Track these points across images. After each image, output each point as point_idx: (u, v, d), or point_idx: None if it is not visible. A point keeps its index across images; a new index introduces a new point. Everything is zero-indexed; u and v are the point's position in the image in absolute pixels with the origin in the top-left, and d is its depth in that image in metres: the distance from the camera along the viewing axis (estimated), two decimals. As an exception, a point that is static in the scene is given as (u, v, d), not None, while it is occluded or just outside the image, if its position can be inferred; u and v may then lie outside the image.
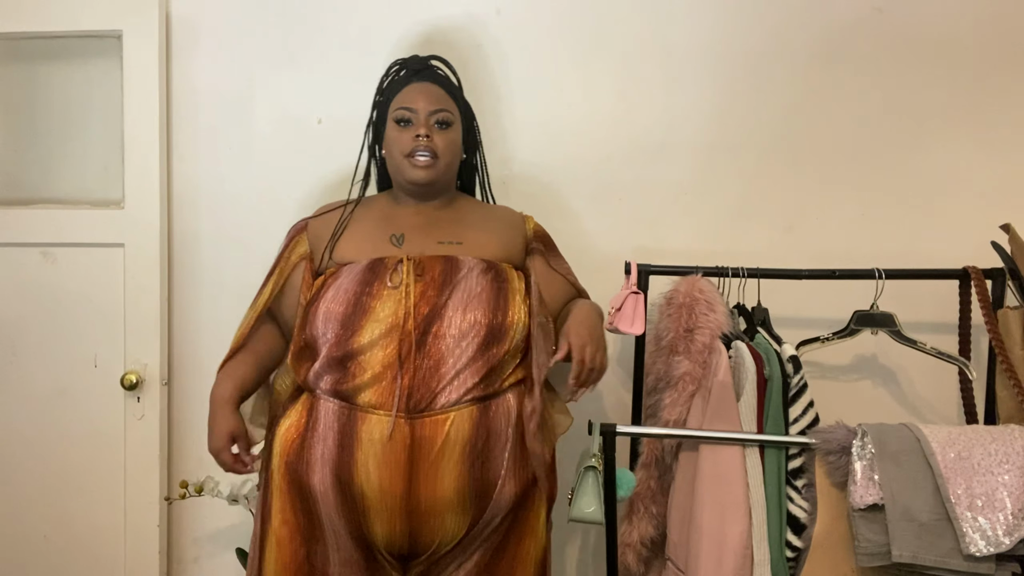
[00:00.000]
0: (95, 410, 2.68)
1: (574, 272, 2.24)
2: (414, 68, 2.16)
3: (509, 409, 1.90)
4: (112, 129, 2.65)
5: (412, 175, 2.03)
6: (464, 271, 1.95)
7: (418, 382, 1.83)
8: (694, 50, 2.53)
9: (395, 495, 1.82)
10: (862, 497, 1.88)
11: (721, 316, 2.11)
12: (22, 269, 2.69)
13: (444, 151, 2.05)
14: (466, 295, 1.90)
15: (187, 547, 2.77)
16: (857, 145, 2.50)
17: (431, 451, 1.82)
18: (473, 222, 2.12)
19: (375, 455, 1.82)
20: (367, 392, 1.85)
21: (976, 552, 1.80)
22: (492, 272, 1.97)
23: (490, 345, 1.88)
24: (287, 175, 2.64)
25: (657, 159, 2.55)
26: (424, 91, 2.09)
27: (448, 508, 1.85)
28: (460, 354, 1.86)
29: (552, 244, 2.24)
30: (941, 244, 2.45)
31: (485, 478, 1.86)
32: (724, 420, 2.01)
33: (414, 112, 2.05)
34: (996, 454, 1.85)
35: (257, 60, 2.64)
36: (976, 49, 2.45)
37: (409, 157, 2.03)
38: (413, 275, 1.92)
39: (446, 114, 2.06)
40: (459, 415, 1.84)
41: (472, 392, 1.85)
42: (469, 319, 1.87)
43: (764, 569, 1.95)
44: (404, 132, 2.05)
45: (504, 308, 1.91)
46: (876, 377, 2.51)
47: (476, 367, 1.86)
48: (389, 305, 1.88)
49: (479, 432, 1.85)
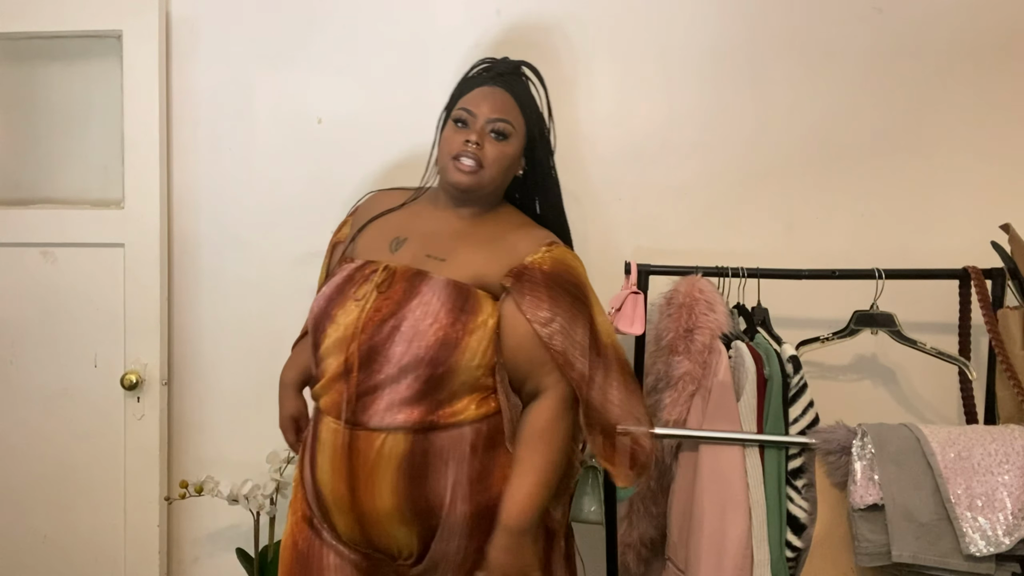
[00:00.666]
0: (95, 410, 2.69)
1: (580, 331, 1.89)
2: (498, 71, 2.06)
3: (463, 440, 1.82)
4: (112, 129, 2.65)
5: (453, 178, 1.94)
6: (426, 293, 1.83)
7: (358, 398, 1.82)
8: (694, 50, 2.53)
9: (344, 498, 1.84)
10: (862, 497, 1.88)
11: (721, 316, 2.11)
12: (22, 269, 2.69)
13: (492, 162, 1.94)
14: (417, 323, 1.80)
15: (187, 547, 2.77)
16: (857, 145, 2.49)
17: (367, 463, 1.80)
18: (478, 239, 1.96)
19: (327, 458, 1.85)
20: (324, 396, 1.89)
21: (976, 552, 1.80)
22: (455, 299, 1.83)
23: (431, 388, 1.80)
24: (287, 175, 2.64)
25: (657, 159, 2.55)
26: (491, 96, 1.99)
27: (390, 519, 1.82)
28: (399, 388, 1.80)
29: (539, 282, 1.87)
30: (941, 244, 2.45)
31: (426, 497, 1.81)
32: (724, 420, 2.01)
33: (473, 116, 1.96)
34: (996, 454, 1.85)
35: (257, 60, 2.64)
36: (976, 49, 2.45)
37: (455, 160, 1.93)
38: (376, 291, 1.87)
39: (505, 125, 1.96)
40: (392, 437, 1.79)
41: (409, 423, 1.79)
42: (414, 352, 1.78)
43: (764, 569, 1.95)
44: (458, 133, 1.95)
45: (451, 347, 1.79)
46: (876, 377, 2.51)
47: (414, 406, 1.79)
48: (350, 314, 1.87)
49: (415, 451, 1.79)
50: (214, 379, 2.71)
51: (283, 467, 2.52)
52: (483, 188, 1.97)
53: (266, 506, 2.52)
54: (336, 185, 2.59)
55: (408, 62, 2.60)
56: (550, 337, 1.83)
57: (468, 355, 1.80)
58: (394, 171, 2.58)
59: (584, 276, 1.97)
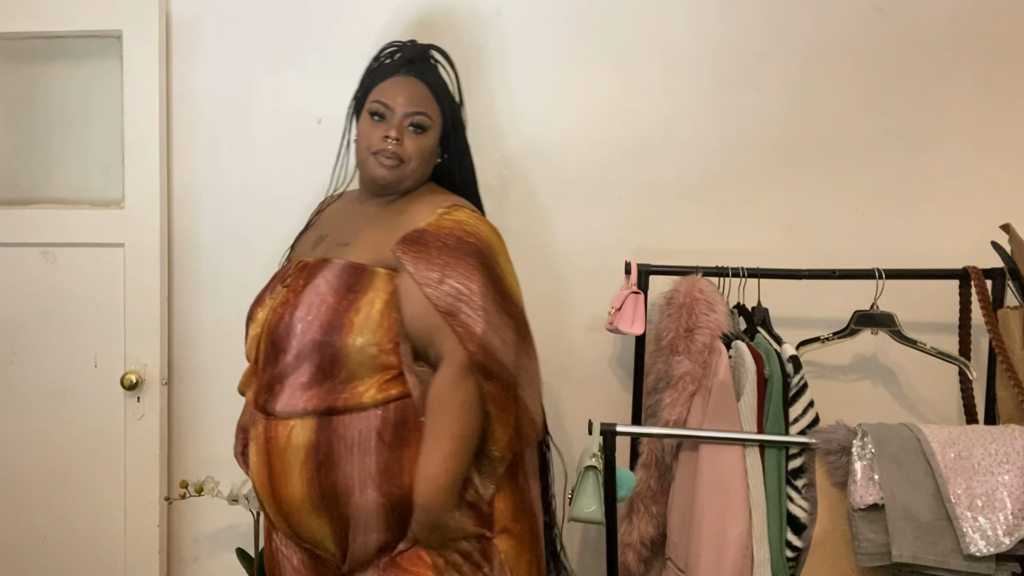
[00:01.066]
0: (95, 410, 2.68)
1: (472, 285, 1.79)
2: (408, 57, 2.06)
3: (368, 425, 1.78)
4: (112, 129, 2.65)
5: (375, 172, 1.95)
6: (319, 279, 1.84)
7: (267, 389, 1.85)
8: (694, 50, 2.53)
9: (266, 488, 1.85)
10: (862, 497, 1.88)
11: (721, 316, 2.11)
12: (22, 269, 2.69)
13: (413, 156, 1.95)
14: (309, 307, 1.81)
15: (187, 547, 2.77)
16: (857, 145, 2.49)
17: (280, 451, 1.81)
18: (383, 220, 1.96)
19: (253, 451, 1.88)
20: (249, 390, 1.96)
21: (976, 552, 1.80)
22: (345, 280, 1.83)
23: (325, 368, 1.78)
24: (287, 175, 2.64)
25: (657, 159, 2.55)
26: (407, 88, 1.99)
27: (302, 508, 1.81)
28: (298, 373, 1.80)
29: (428, 241, 1.82)
30: (941, 244, 2.45)
31: (334, 485, 1.78)
32: (724, 420, 2.01)
33: (390, 109, 1.95)
34: (996, 454, 1.85)
35: (257, 60, 2.64)
36: (976, 49, 2.45)
37: (375, 155, 1.94)
38: (282, 286, 1.93)
39: (423, 118, 1.96)
40: (300, 423, 1.79)
41: (310, 408, 1.79)
42: (306, 339, 1.79)
43: (764, 569, 1.96)
44: (376, 128, 1.95)
45: (336, 328, 1.77)
46: (876, 377, 2.51)
47: (315, 388, 1.79)
48: (263, 312, 1.93)
49: (320, 440, 1.78)
50: (214, 379, 2.71)
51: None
52: (405, 182, 1.98)
53: (266, 506, 2.52)
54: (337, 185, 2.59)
55: (408, 62, 2.60)
56: (440, 299, 1.75)
57: (355, 335, 1.77)
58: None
59: (490, 236, 1.91)
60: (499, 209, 2.56)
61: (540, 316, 2.57)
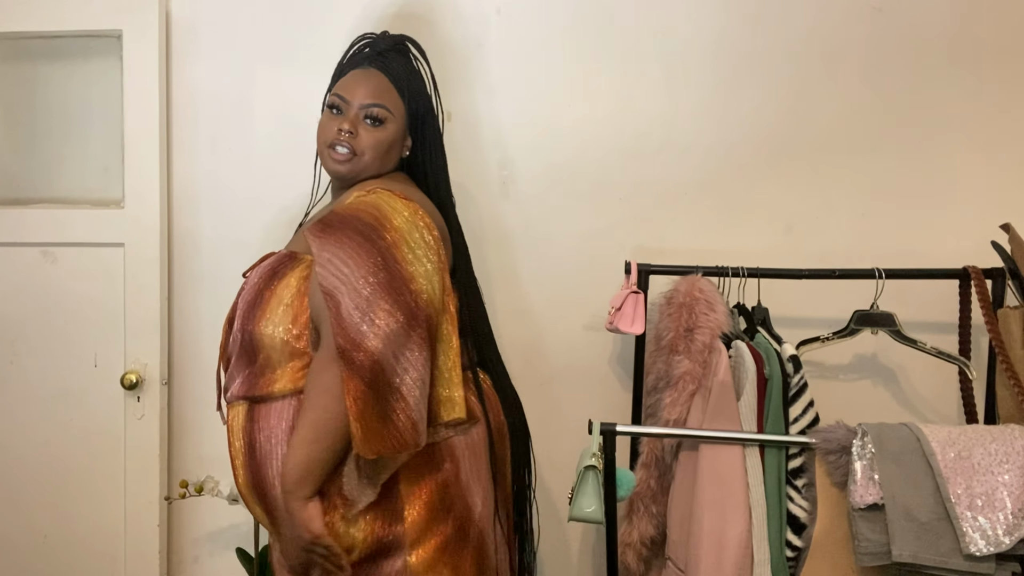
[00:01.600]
0: (95, 410, 2.69)
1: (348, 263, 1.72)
2: (378, 49, 2.06)
3: (281, 417, 1.78)
4: (112, 129, 2.65)
5: (329, 167, 1.97)
6: (256, 273, 1.89)
7: (226, 374, 1.92)
8: (694, 50, 2.53)
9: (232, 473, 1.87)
10: (862, 497, 1.88)
11: (721, 316, 2.11)
12: (22, 269, 2.69)
13: (367, 149, 1.94)
14: (245, 299, 1.87)
15: (187, 547, 2.77)
16: (857, 145, 2.49)
17: (231, 437, 1.85)
18: (329, 210, 1.94)
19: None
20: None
21: (976, 552, 1.80)
22: (275, 267, 1.86)
23: (248, 355, 1.84)
24: (287, 175, 2.64)
25: (657, 159, 2.55)
26: (366, 80, 1.98)
27: (247, 495, 1.84)
28: (236, 359, 1.87)
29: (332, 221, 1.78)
30: (941, 244, 2.45)
31: (259, 474, 1.79)
32: (724, 419, 2.01)
33: (346, 102, 1.96)
34: (996, 454, 1.85)
35: (257, 60, 2.64)
36: (976, 49, 2.45)
37: (330, 148, 1.95)
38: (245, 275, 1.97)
39: (379, 110, 1.95)
40: (238, 409, 1.84)
41: (240, 394, 1.84)
42: (238, 326, 1.86)
43: (764, 569, 1.95)
44: (332, 120, 1.96)
45: (253, 314, 1.82)
46: (876, 377, 2.51)
47: (244, 374, 1.84)
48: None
49: (250, 427, 1.81)
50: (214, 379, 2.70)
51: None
52: (360, 175, 1.97)
53: (266, 506, 2.52)
54: (336, 185, 2.60)
55: (408, 62, 2.60)
56: (325, 278, 1.68)
57: (267, 319, 1.80)
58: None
59: (397, 218, 1.77)
60: (499, 209, 2.56)
61: (540, 316, 2.58)
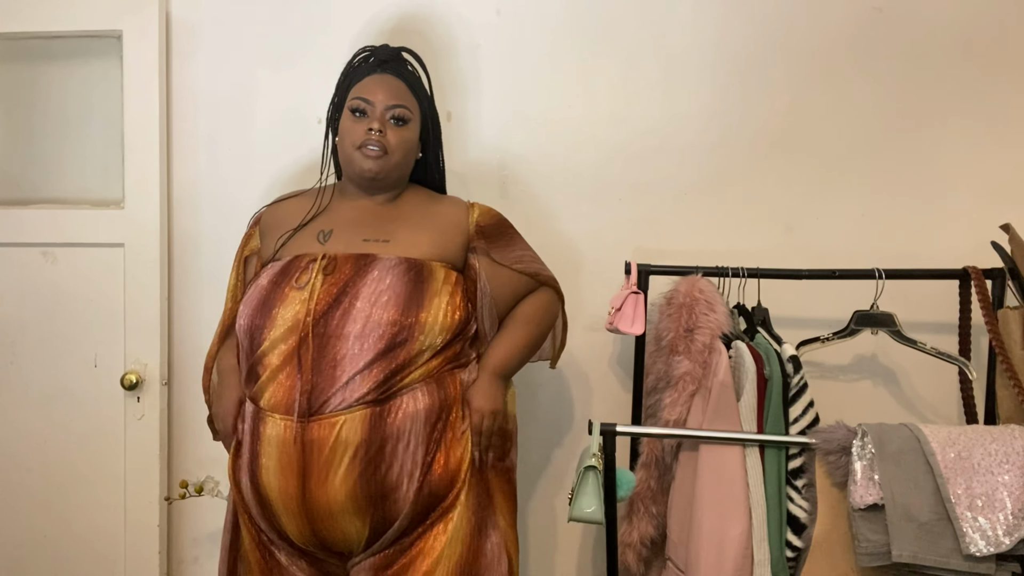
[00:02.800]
0: (95, 410, 2.69)
1: (532, 252, 2.17)
2: (381, 58, 2.12)
3: (416, 409, 1.85)
4: (112, 129, 2.65)
5: (362, 165, 2.00)
6: (377, 271, 1.89)
7: (314, 384, 1.82)
8: (694, 50, 2.53)
9: (292, 497, 1.83)
10: (862, 497, 1.88)
11: (721, 316, 2.11)
12: (22, 269, 2.69)
13: (396, 147, 2.01)
14: (374, 297, 1.85)
15: (187, 547, 2.77)
16: (857, 145, 2.49)
17: (321, 454, 1.80)
18: (410, 219, 2.05)
19: (275, 459, 1.84)
20: (267, 394, 1.87)
21: (976, 552, 1.80)
22: (412, 272, 1.90)
23: (394, 348, 1.83)
24: (287, 175, 2.64)
25: (657, 159, 2.55)
26: (384, 84, 2.05)
27: (342, 511, 1.82)
28: (360, 358, 1.82)
29: (497, 233, 2.11)
30: (941, 244, 2.45)
31: (383, 482, 1.82)
32: (724, 420, 2.01)
33: (371, 104, 2.02)
34: (996, 454, 1.85)
35: (257, 60, 2.64)
36: (976, 49, 2.45)
37: (360, 149, 2.00)
38: (322, 275, 1.90)
39: (403, 110, 2.03)
40: (350, 418, 1.80)
41: (366, 396, 1.81)
42: (374, 319, 1.83)
43: (764, 569, 1.95)
44: (358, 123, 2.01)
45: (415, 309, 1.85)
46: (876, 377, 2.51)
47: (375, 370, 1.82)
48: (293, 306, 1.88)
49: (373, 436, 1.81)
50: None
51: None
52: (390, 174, 2.04)
53: (266, 506, 2.52)
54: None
55: (408, 62, 2.60)
56: (525, 269, 2.09)
57: (432, 318, 1.86)
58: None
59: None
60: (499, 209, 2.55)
61: (540, 316, 2.57)
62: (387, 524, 1.85)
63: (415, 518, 1.86)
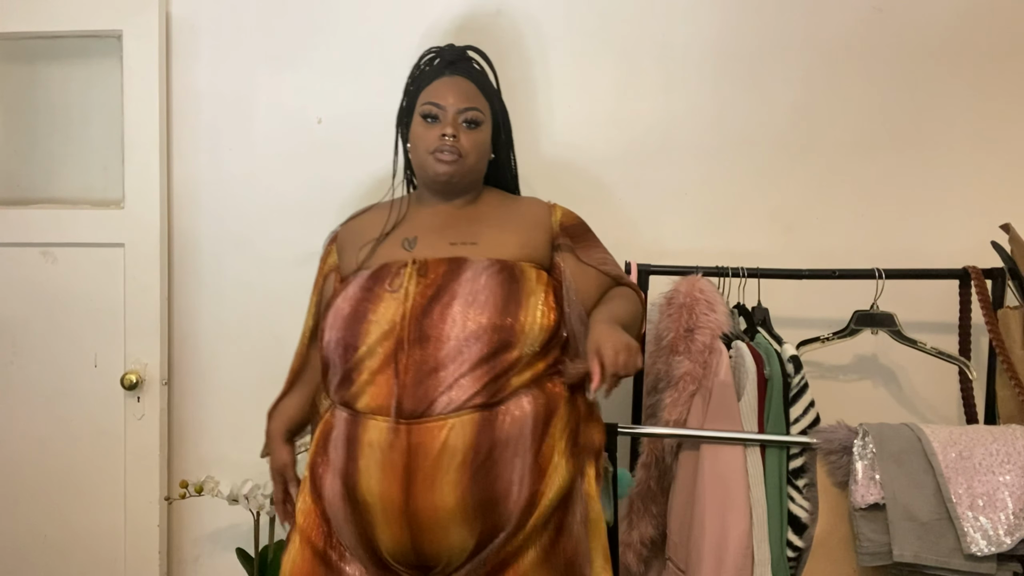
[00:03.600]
0: (95, 410, 2.69)
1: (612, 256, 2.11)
2: (448, 59, 2.06)
3: (524, 414, 1.78)
4: (112, 129, 2.66)
5: (436, 169, 1.95)
6: (471, 272, 1.84)
7: (415, 386, 1.76)
8: (694, 50, 2.53)
9: (394, 503, 1.75)
10: (863, 497, 1.88)
11: (721, 316, 2.11)
12: (22, 269, 2.69)
13: (470, 151, 1.97)
14: (471, 298, 1.80)
15: (187, 547, 2.77)
16: (857, 145, 2.50)
17: (427, 459, 1.73)
18: (493, 220, 2.01)
19: (375, 462, 1.76)
20: (365, 397, 1.80)
21: (977, 552, 1.80)
22: (505, 273, 1.85)
23: (498, 351, 1.77)
24: (287, 175, 2.64)
25: (657, 159, 2.55)
26: (455, 86, 2.00)
27: (451, 520, 1.74)
28: (463, 359, 1.76)
29: (581, 233, 2.08)
30: (941, 244, 2.45)
31: (493, 489, 1.74)
32: (725, 420, 2.01)
33: (442, 109, 1.96)
34: (997, 454, 1.85)
35: (257, 60, 2.64)
36: (976, 49, 2.46)
37: (434, 154, 1.95)
38: (415, 278, 1.85)
39: (475, 113, 1.98)
40: (459, 422, 1.74)
41: (476, 399, 1.75)
42: (474, 323, 1.77)
43: (765, 569, 1.95)
44: (431, 129, 1.96)
45: (514, 311, 1.80)
46: (876, 377, 2.51)
47: (480, 372, 1.76)
48: (389, 309, 1.82)
49: (482, 440, 1.74)
50: (214, 379, 2.71)
51: (283, 467, 2.52)
52: (466, 177, 2.00)
53: (266, 506, 2.52)
54: (336, 185, 2.60)
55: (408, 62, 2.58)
56: (609, 271, 2.04)
57: (530, 318, 1.82)
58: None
59: None
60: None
61: (540, 316, 2.57)
62: (495, 534, 1.77)
63: (521, 528, 1.78)
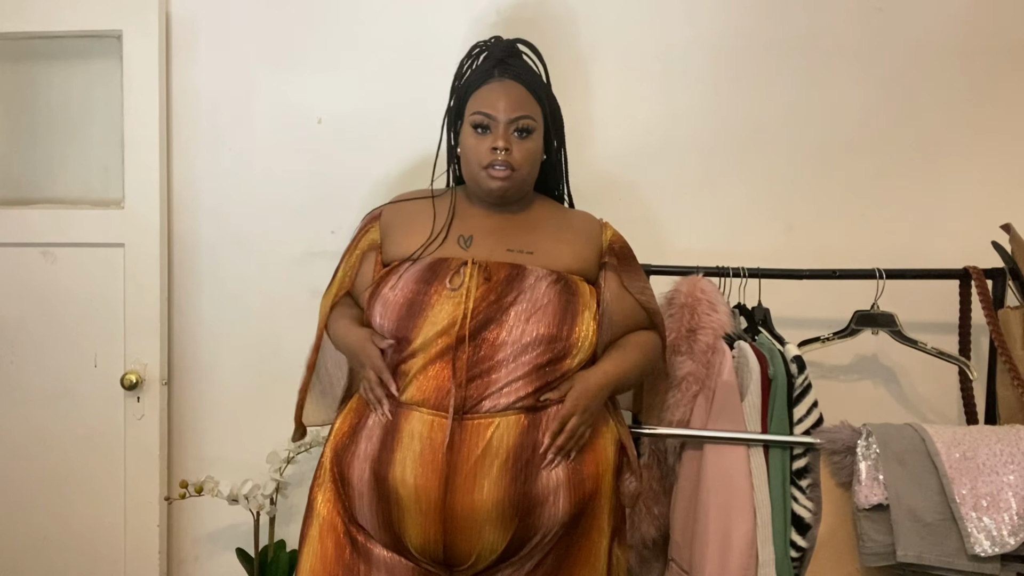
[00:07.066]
0: (95, 410, 2.68)
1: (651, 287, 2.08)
2: (497, 56, 1.99)
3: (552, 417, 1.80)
4: (112, 129, 2.65)
5: (489, 185, 1.91)
6: (531, 280, 1.84)
7: (467, 384, 1.76)
8: (694, 50, 2.54)
9: (430, 498, 1.74)
10: (867, 497, 1.89)
11: (723, 316, 2.11)
12: (22, 269, 2.68)
13: (523, 162, 1.91)
14: (531, 305, 1.80)
15: (187, 547, 2.77)
16: (857, 145, 2.50)
17: (471, 456, 1.73)
18: (547, 230, 1.99)
19: (414, 454, 1.75)
20: (413, 388, 1.79)
21: (981, 552, 1.81)
22: (561, 284, 1.85)
23: (552, 360, 1.79)
24: (287, 175, 2.64)
25: (657, 159, 2.55)
26: (505, 93, 1.93)
27: (486, 519, 1.74)
28: (518, 364, 1.77)
29: (629, 257, 2.04)
30: (942, 244, 2.46)
31: (530, 492, 1.74)
32: (728, 420, 2.02)
33: (493, 119, 1.90)
34: (1001, 454, 1.86)
35: (257, 60, 2.64)
36: (976, 49, 2.46)
37: (486, 169, 1.90)
38: (478, 279, 1.84)
39: (528, 121, 1.92)
40: (505, 421, 1.75)
41: (523, 400, 1.76)
42: (532, 331, 1.78)
43: (769, 569, 1.96)
44: (482, 140, 1.91)
45: (571, 323, 1.81)
46: (877, 377, 2.52)
47: (533, 378, 1.77)
48: (447, 307, 1.81)
49: (526, 442, 1.75)
50: (214, 379, 2.71)
51: (283, 467, 2.52)
52: (520, 190, 1.97)
53: (266, 506, 2.52)
54: (336, 185, 2.60)
55: (407, 61, 2.60)
56: (647, 303, 2.01)
57: (584, 333, 1.82)
58: (394, 170, 2.58)
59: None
60: (500, 209, 2.56)
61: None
62: (528, 537, 1.78)
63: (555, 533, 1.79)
